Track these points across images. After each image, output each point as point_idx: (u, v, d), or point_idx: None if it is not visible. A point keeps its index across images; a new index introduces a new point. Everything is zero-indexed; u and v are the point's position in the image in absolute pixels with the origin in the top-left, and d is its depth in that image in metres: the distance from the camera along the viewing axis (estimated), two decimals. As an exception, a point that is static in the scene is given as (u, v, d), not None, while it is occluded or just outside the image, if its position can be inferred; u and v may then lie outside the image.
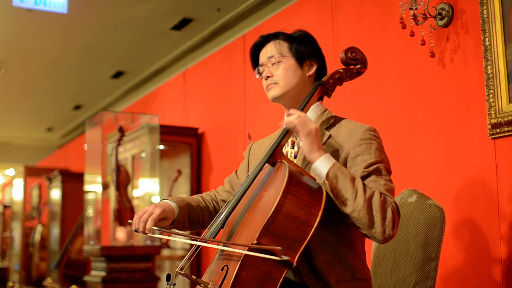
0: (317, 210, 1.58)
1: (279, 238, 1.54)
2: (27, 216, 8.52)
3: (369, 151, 1.75)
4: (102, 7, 4.73)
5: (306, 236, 1.56)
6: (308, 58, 1.90)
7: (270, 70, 1.88)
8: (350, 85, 3.39)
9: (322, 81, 1.85)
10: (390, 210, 1.65)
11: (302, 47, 1.89)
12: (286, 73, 1.86)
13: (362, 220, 1.63)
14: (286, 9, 4.13)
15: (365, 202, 1.63)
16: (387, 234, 1.64)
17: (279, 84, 1.87)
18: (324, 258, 1.72)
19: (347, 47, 1.85)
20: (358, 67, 1.86)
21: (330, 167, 1.66)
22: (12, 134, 10.22)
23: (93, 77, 6.73)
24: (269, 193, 1.64)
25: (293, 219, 1.56)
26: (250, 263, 1.52)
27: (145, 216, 1.78)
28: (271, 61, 1.88)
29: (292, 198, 1.57)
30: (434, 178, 2.82)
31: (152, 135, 4.70)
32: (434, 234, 2.04)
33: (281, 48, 1.88)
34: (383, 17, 3.19)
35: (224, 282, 1.53)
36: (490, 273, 2.53)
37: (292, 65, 1.87)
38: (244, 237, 1.60)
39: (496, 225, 2.51)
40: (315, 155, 1.69)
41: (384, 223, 1.63)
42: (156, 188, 4.67)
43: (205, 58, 5.33)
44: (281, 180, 1.60)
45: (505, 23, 2.52)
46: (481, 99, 2.61)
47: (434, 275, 2.02)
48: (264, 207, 1.60)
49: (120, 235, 4.76)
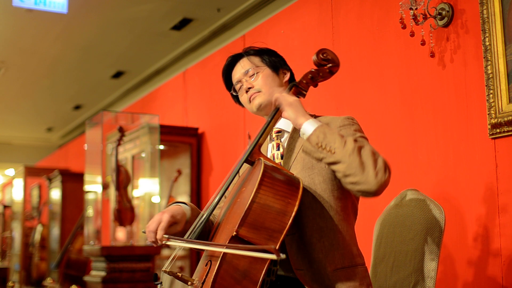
0: (294, 200, 1.61)
1: (258, 229, 1.57)
2: (27, 216, 8.52)
3: (350, 132, 1.79)
4: (102, 7, 4.72)
5: (284, 225, 1.59)
6: (281, 66, 1.98)
7: (250, 82, 1.94)
8: (350, 85, 3.40)
9: (296, 82, 1.89)
10: (381, 159, 1.65)
11: (273, 57, 1.97)
12: (266, 80, 1.92)
13: (352, 163, 1.62)
14: (286, 9, 4.13)
15: (354, 148, 1.64)
16: (379, 177, 1.62)
17: (262, 91, 1.92)
18: (321, 246, 1.73)
19: (318, 49, 1.89)
20: (330, 65, 1.89)
21: (318, 126, 1.70)
22: (12, 134, 10.22)
23: (93, 77, 6.73)
24: (247, 188, 1.68)
25: (270, 209, 1.59)
26: (231, 257, 1.55)
27: (153, 226, 1.76)
28: (248, 74, 1.94)
29: (267, 189, 1.60)
30: (434, 178, 2.82)
31: (152, 135, 4.70)
32: (434, 234, 2.04)
33: (254, 62, 1.95)
34: (383, 17, 3.19)
35: (207, 277, 1.56)
36: (490, 272, 2.53)
37: (270, 73, 1.94)
38: (225, 233, 1.64)
39: (495, 225, 2.51)
40: (302, 119, 1.73)
41: (376, 167, 1.62)
42: (156, 188, 4.67)
43: (205, 58, 5.33)
44: (257, 174, 1.64)
45: (505, 23, 2.52)
46: (481, 99, 2.61)
47: (434, 275, 2.02)
48: (242, 201, 1.65)
49: (120, 235, 4.76)
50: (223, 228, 1.70)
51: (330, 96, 3.51)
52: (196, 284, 1.60)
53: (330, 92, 3.50)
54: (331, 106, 3.45)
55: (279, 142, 1.93)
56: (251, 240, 1.56)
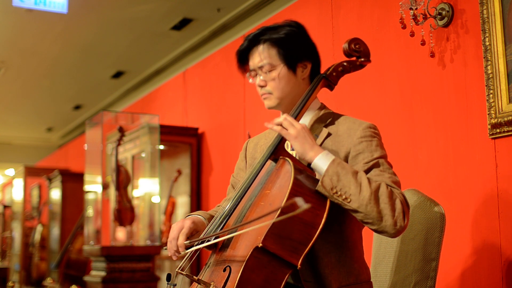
0: (322, 212, 1.56)
1: (284, 239, 1.51)
2: (27, 216, 8.52)
3: (370, 148, 1.70)
4: (102, 7, 4.72)
5: (311, 238, 1.53)
6: (300, 60, 1.80)
7: (263, 79, 1.80)
8: (350, 85, 3.40)
9: (326, 74, 1.80)
10: (398, 201, 1.60)
11: (293, 49, 1.78)
12: (279, 83, 1.78)
13: (370, 214, 1.56)
14: (286, 9, 4.13)
15: (371, 195, 1.56)
16: (398, 226, 1.58)
17: (273, 95, 1.80)
18: (328, 261, 1.68)
19: (351, 38, 1.80)
20: (362, 60, 1.82)
21: (330, 163, 1.61)
22: (12, 134, 10.22)
23: (93, 77, 6.72)
24: (274, 193, 1.60)
25: (299, 221, 1.52)
26: (255, 265, 1.50)
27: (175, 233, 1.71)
28: (262, 70, 1.80)
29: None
30: (434, 178, 2.82)
31: (152, 135, 4.70)
32: (434, 234, 2.04)
33: (270, 55, 1.77)
34: (383, 17, 3.19)
35: (228, 284, 1.51)
36: (490, 273, 2.53)
37: (285, 73, 1.78)
38: (247, 238, 1.57)
39: (496, 225, 2.51)
40: (311, 154, 1.64)
41: (395, 215, 1.57)
42: (156, 188, 4.67)
43: (205, 58, 5.33)
44: (287, 180, 1.56)
45: (505, 23, 2.52)
46: (481, 99, 2.60)
47: (434, 275, 2.02)
48: (269, 208, 1.57)
49: (120, 235, 4.76)
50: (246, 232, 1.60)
51: (330, 96, 3.51)
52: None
53: (330, 92, 3.49)
54: (331, 106, 3.43)
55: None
56: (276, 252, 1.50)
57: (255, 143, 1.99)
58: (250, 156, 1.97)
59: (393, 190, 1.62)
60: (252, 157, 1.95)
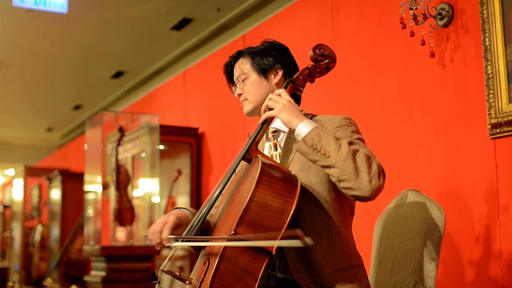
0: (292, 198, 1.60)
1: (256, 227, 1.56)
2: (27, 216, 8.52)
3: (347, 133, 1.79)
4: (102, 7, 4.73)
5: (283, 224, 1.58)
6: (271, 68, 1.95)
7: (241, 88, 1.98)
8: (350, 85, 3.40)
9: (293, 78, 1.88)
10: (375, 164, 1.64)
11: (263, 59, 1.95)
12: (251, 88, 1.95)
13: (346, 169, 1.61)
14: (286, 9, 4.13)
15: (349, 152, 1.62)
16: (373, 184, 1.61)
17: (248, 99, 1.96)
18: (319, 248, 1.73)
19: (315, 45, 1.87)
20: (327, 61, 1.87)
21: (313, 127, 1.69)
22: (12, 134, 10.22)
23: (93, 77, 6.73)
24: (245, 187, 1.67)
25: (269, 208, 1.58)
26: (229, 255, 1.54)
27: (159, 227, 1.78)
28: (238, 80, 1.98)
29: (265, 188, 1.60)
30: (434, 178, 2.82)
31: (152, 135, 4.70)
32: (434, 234, 2.04)
33: (243, 66, 1.97)
34: (383, 17, 3.19)
35: (206, 275, 1.56)
36: (490, 273, 2.53)
37: (256, 79, 1.95)
38: (223, 231, 1.63)
39: (496, 225, 2.51)
40: (296, 121, 1.73)
41: (370, 173, 1.62)
42: (156, 188, 4.67)
43: (205, 58, 5.33)
44: (255, 172, 1.63)
45: (505, 23, 2.52)
46: (481, 99, 2.61)
47: (434, 275, 2.02)
48: (240, 200, 1.64)
49: (120, 235, 4.76)
50: (221, 226, 1.69)
51: (329, 96, 3.51)
52: (194, 283, 1.60)
53: (329, 92, 3.50)
54: (331, 106, 3.45)
55: (276, 142, 1.93)
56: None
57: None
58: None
59: (371, 155, 1.68)
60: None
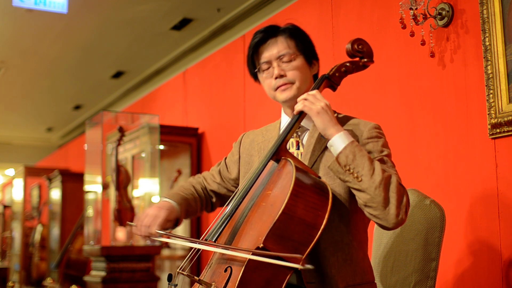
0: (324, 212, 1.55)
1: (285, 240, 1.50)
2: (27, 216, 8.52)
3: (377, 148, 1.72)
4: (102, 7, 4.72)
5: (312, 239, 1.53)
6: (314, 56, 1.84)
7: (282, 69, 1.77)
8: (350, 85, 3.39)
9: (328, 74, 1.79)
10: (405, 196, 1.61)
11: (308, 45, 1.82)
12: (300, 72, 1.77)
13: (376, 198, 1.56)
14: (286, 9, 4.13)
15: (382, 180, 1.57)
16: (400, 218, 1.57)
17: (295, 84, 1.78)
18: (335, 261, 1.67)
19: (354, 38, 1.80)
20: (365, 60, 1.81)
21: (348, 143, 1.61)
22: (12, 134, 10.22)
23: (93, 77, 6.73)
24: (275, 193, 1.59)
25: (300, 222, 1.52)
26: (255, 266, 1.49)
27: (147, 220, 1.74)
28: (282, 59, 1.77)
29: (299, 201, 1.52)
30: (434, 178, 2.82)
31: (152, 135, 4.70)
32: (434, 234, 2.04)
33: (290, 46, 1.77)
34: (383, 17, 3.19)
35: (229, 284, 1.51)
36: (490, 273, 2.53)
37: (304, 64, 1.79)
38: (248, 239, 1.57)
39: (496, 225, 2.51)
40: (332, 130, 1.64)
41: (400, 205, 1.58)
42: (156, 188, 4.67)
43: (205, 58, 5.33)
44: (288, 180, 1.55)
45: (505, 23, 2.52)
46: (481, 99, 2.60)
47: (434, 275, 2.02)
48: (270, 208, 1.56)
49: (120, 235, 4.76)
50: (246, 233, 1.60)
51: (329, 96, 3.51)
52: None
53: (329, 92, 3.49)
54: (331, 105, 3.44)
55: (298, 139, 1.82)
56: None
57: (251, 139, 1.97)
58: (246, 152, 1.95)
59: (401, 185, 1.63)
60: (248, 153, 1.94)
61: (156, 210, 1.76)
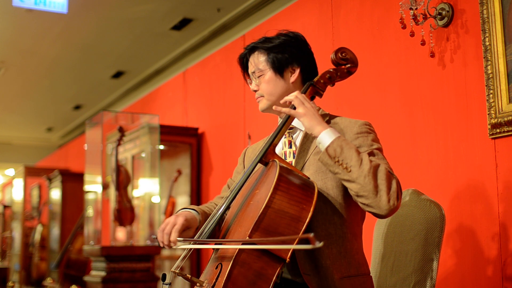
0: (309, 206, 1.59)
1: (271, 234, 1.55)
2: (27, 216, 8.52)
3: (367, 142, 1.78)
4: (102, 7, 4.73)
5: (298, 232, 1.57)
6: (288, 65, 1.91)
7: (256, 84, 1.94)
8: (350, 85, 3.40)
9: (313, 81, 1.86)
10: (395, 182, 1.65)
11: (280, 55, 1.90)
12: (267, 86, 1.90)
13: (367, 186, 1.61)
14: (286, 9, 4.13)
15: (370, 169, 1.62)
16: (391, 203, 1.62)
17: (264, 97, 1.92)
18: (329, 253, 1.71)
19: (337, 48, 1.87)
20: (349, 66, 1.87)
21: (335, 138, 1.68)
22: (12, 134, 10.22)
23: (93, 77, 6.73)
24: (261, 191, 1.65)
25: (285, 215, 1.57)
26: (243, 260, 1.53)
27: (168, 228, 1.77)
28: (254, 75, 1.93)
29: (282, 194, 1.58)
30: (434, 178, 2.82)
31: (152, 135, 4.70)
32: (434, 234, 2.04)
33: (259, 62, 1.91)
34: (383, 17, 3.19)
35: (218, 280, 1.54)
36: (490, 273, 2.53)
37: (272, 77, 1.90)
38: (236, 236, 1.62)
39: (496, 225, 2.52)
40: (318, 128, 1.71)
41: (389, 192, 1.62)
42: (156, 188, 4.67)
43: (205, 58, 5.33)
44: (272, 177, 1.61)
45: (505, 23, 2.52)
46: (481, 99, 2.61)
47: (434, 275, 2.02)
48: (256, 205, 1.62)
49: (120, 235, 4.76)
50: (235, 230, 1.67)
51: (329, 96, 3.51)
52: (206, 287, 1.58)
53: (329, 92, 3.49)
54: (331, 106, 3.45)
55: (291, 139, 1.90)
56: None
57: (254, 149, 2.06)
58: (248, 161, 2.03)
59: (391, 172, 1.68)
60: (250, 161, 2.00)
61: (173, 218, 1.80)
